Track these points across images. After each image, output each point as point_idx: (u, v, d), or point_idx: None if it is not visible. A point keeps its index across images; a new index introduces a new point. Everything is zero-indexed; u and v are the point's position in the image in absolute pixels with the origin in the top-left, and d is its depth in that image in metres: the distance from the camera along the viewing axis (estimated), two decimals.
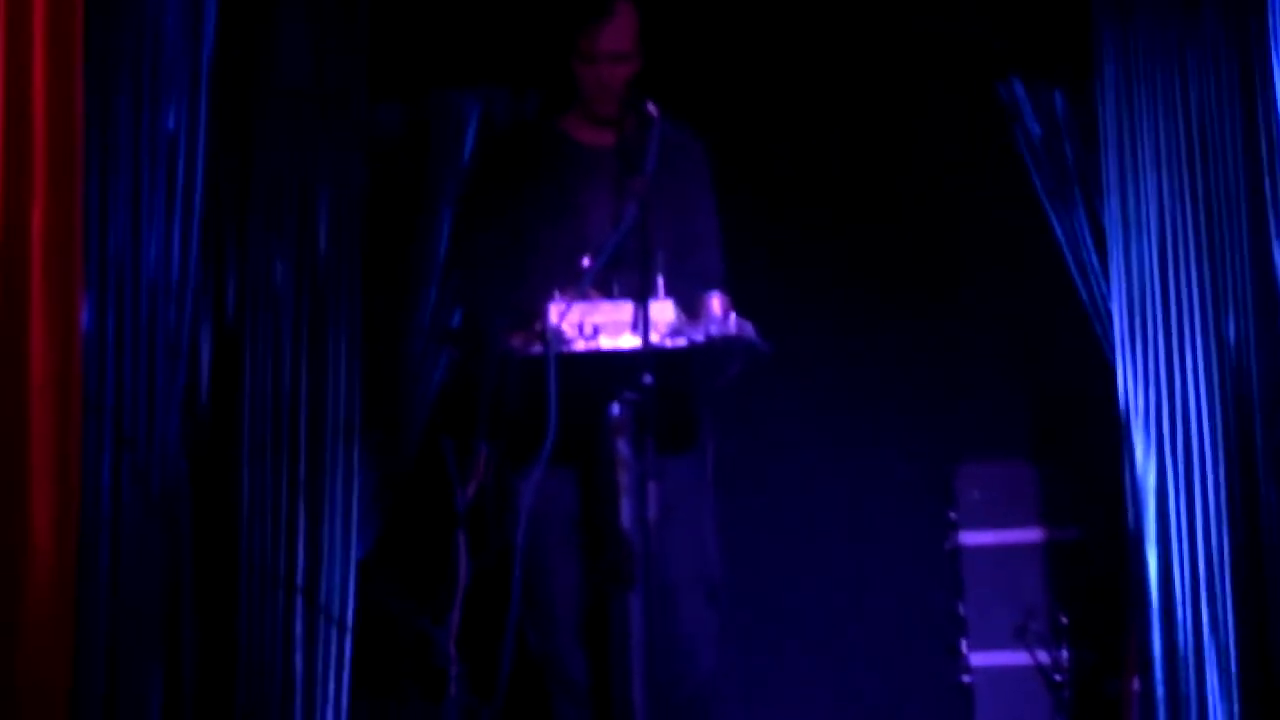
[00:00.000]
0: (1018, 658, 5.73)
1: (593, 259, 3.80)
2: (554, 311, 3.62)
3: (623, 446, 3.75)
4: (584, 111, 4.14)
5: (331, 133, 5.31)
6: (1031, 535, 5.85)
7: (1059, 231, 5.74)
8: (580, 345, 3.63)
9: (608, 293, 3.77)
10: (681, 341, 3.64)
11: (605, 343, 3.64)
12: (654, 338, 3.60)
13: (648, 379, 3.58)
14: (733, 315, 3.70)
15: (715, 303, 3.71)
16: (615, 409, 3.75)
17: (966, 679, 5.79)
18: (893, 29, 6.03)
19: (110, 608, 4.19)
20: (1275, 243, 5.18)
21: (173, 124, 4.54)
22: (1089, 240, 5.66)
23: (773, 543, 5.91)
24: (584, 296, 3.67)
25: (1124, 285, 5.38)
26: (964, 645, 5.81)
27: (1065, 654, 5.68)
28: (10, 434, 3.25)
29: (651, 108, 3.92)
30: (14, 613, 3.21)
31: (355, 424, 5.19)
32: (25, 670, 3.20)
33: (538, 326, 3.65)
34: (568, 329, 3.62)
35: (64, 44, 3.46)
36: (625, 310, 3.66)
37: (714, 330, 3.65)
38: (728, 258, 4.28)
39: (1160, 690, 5.13)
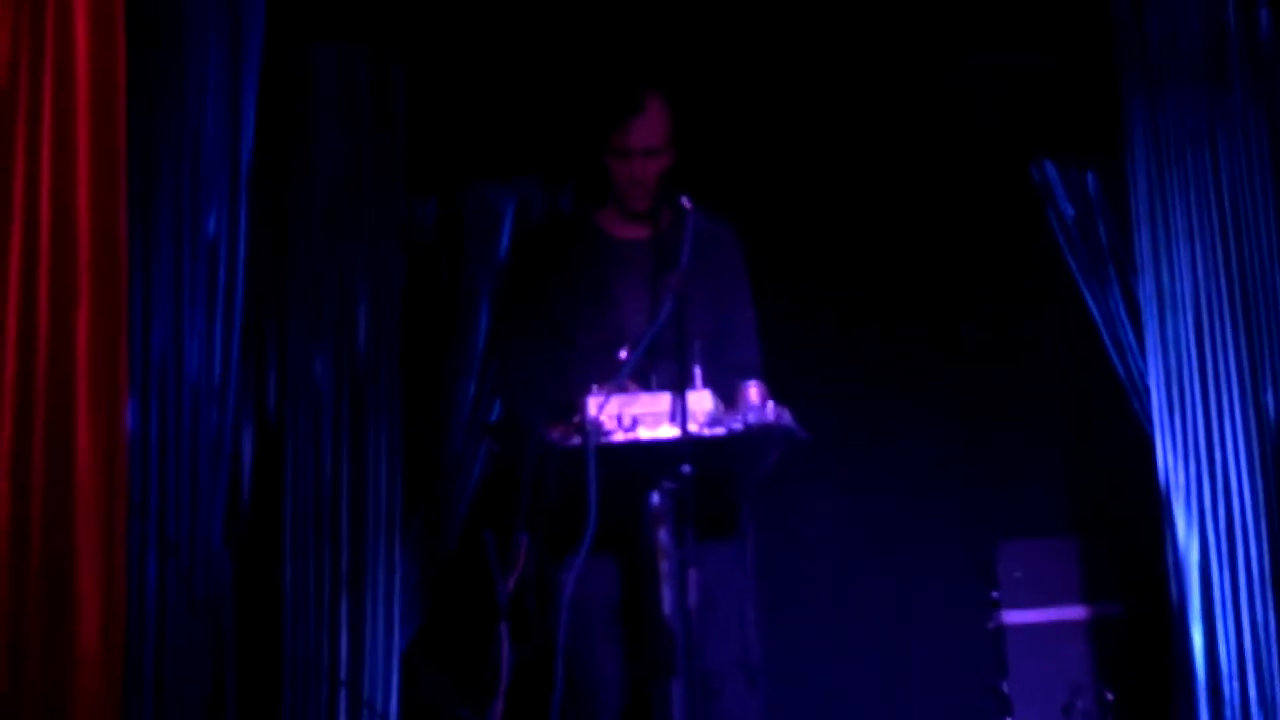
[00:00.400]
0: None
1: (630, 351, 3.82)
2: (592, 403, 3.64)
3: (663, 535, 3.74)
4: (617, 206, 4.16)
5: (368, 229, 5.39)
6: (1075, 612, 5.81)
7: (1094, 309, 5.76)
8: (619, 436, 3.64)
9: (646, 384, 3.79)
10: (720, 430, 3.64)
11: (644, 433, 3.64)
12: (692, 427, 3.61)
13: (687, 468, 3.58)
14: (770, 403, 3.71)
15: (753, 391, 3.72)
16: (655, 498, 3.74)
17: None
18: (925, 113, 6.09)
19: (156, 708, 4.22)
20: None
21: (213, 228, 4.61)
22: (1124, 317, 5.68)
23: (816, 624, 5.90)
24: (622, 388, 3.69)
25: (1161, 360, 5.38)
26: None
27: None
28: (58, 539, 3.30)
29: (685, 201, 3.94)
30: (64, 711, 3.24)
31: (396, 517, 5.23)
32: None
33: (576, 419, 3.67)
34: (606, 420, 3.63)
35: (107, 152, 3.53)
36: (663, 401, 3.67)
37: (752, 419, 3.65)
38: (765, 344, 4.30)
39: None
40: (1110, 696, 5.67)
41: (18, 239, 3.40)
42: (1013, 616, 5.83)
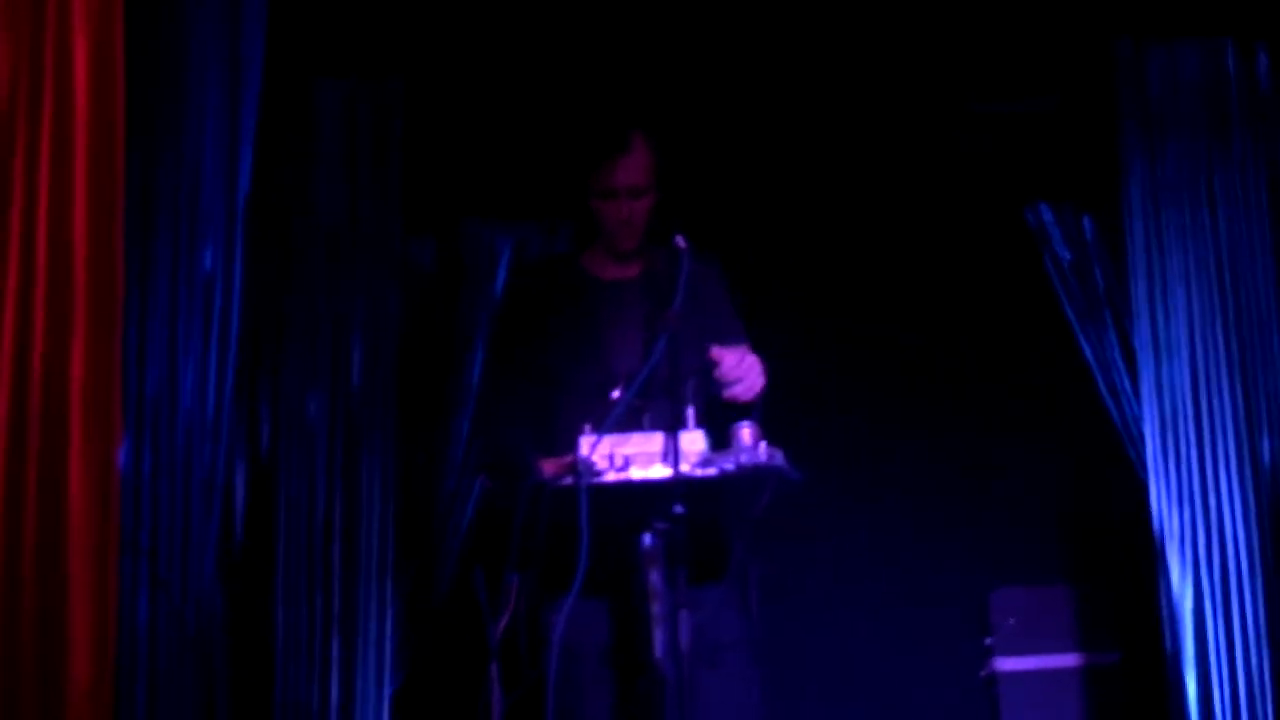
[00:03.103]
0: None
1: (622, 391, 3.82)
2: (584, 444, 3.64)
3: (655, 577, 3.73)
4: (605, 246, 4.17)
5: (365, 268, 5.39)
6: (1069, 660, 5.79)
7: (1090, 354, 5.76)
8: (611, 476, 3.63)
9: (638, 425, 3.78)
10: (712, 471, 3.64)
11: (636, 474, 3.64)
12: (684, 468, 3.61)
13: (679, 509, 3.58)
14: (763, 444, 3.71)
15: (745, 432, 3.72)
16: (647, 539, 3.74)
17: None
18: (922, 157, 6.11)
19: None
20: None
21: (210, 262, 4.61)
22: (1120, 363, 5.68)
23: (808, 669, 5.88)
24: (614, 429, 3.69)
25: (1156, 406, 5.39)
26: None
27: None
28: (50, 573, 3.28)
29: (680, 241, 3.94)
30: None
31: (389, 557, 5.22)
32: None
33: (568, 459, 3.66)
34: (599, 460, 3.63)
35: (105, 183, 3.53)
36: (655, 441, 3.66)
37: (744, 459, 3.65)
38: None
39: None
40: None
41: (14, 269, 3.39)
42: (1006, 664, 5.81)
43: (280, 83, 5.11)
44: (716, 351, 3.81)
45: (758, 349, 4.35)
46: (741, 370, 3.83)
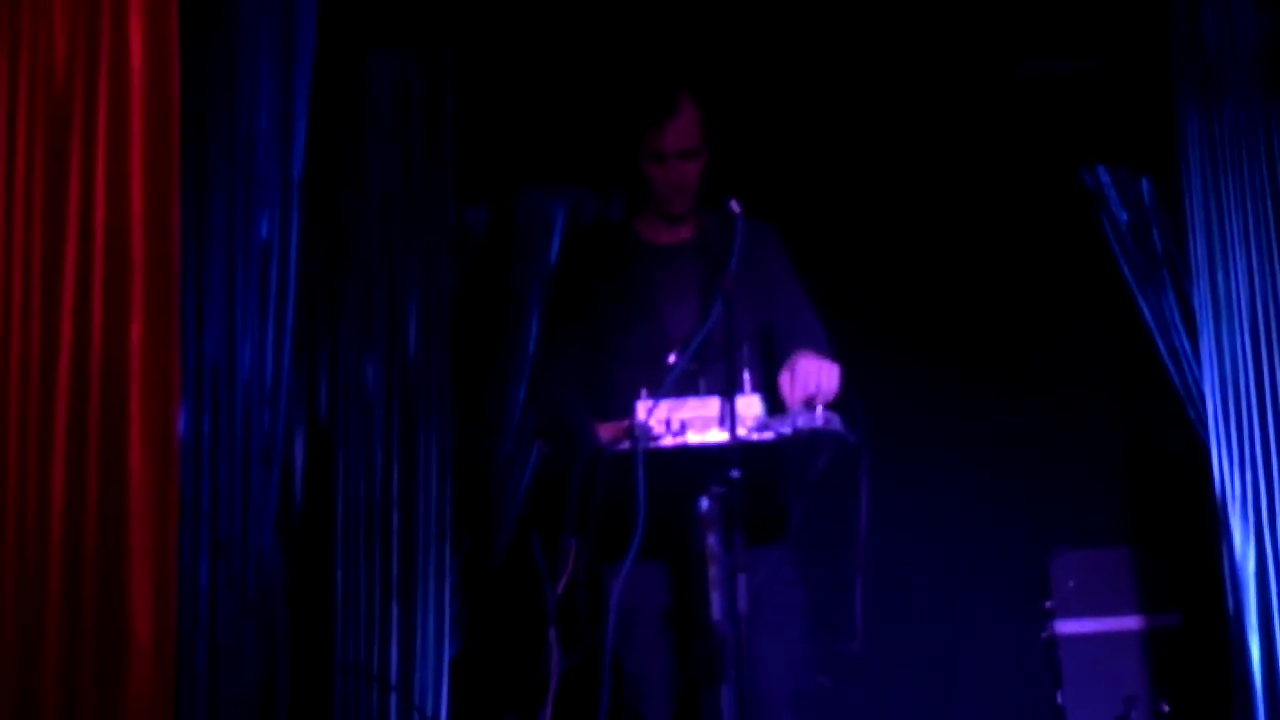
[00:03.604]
0: None
1: (678, 356, 3.82)
2: (641, 408, 3.63)
3: (712, 540, 3.73)
4: (657, 210, 4.15)
5: (420, 236, 5.41)
6: (1130, 623, 5.76)
7: (1149, 316, 5.72)
8: (668, 441, 3.62)
9: (694, 389, 3.78)
10: (769, 435, 3.63)
11: (692, 438, 3.63)
12: (741, 432, 3.60)
13: (735, 473, 3.58)
14: (820, 408, 3.70)
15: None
16: (704, 503, 3.73)
17: None
18: (978, 119, 6.07)
19: (209, 706, 4.24)
20: None
21: (265, 232, 4.64)
22: (1179, 324, 5.64)
23: (869, 634, 5.86)
24: (670, 393, 3.68)
25: (1216, 368, 5.34)
26: None
27: None
28: (111, 539, 3.33)
29: (735, 205, 3.93)
30: (117, 708, 3.27)
31: (447, 523, 5.24)
32: None
33: (625, 423, 3.67)
34: (655, 425, 3.62)
35: (161, 155, 3.57)
36: (712, 405, 3.66)
37: (801, 423, 3.64)
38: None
39: None
40: (1166, 708, 5.62)
41: (73, 241, 3.44)
42: (1066, 626, 5.79)
43: (334, 54, 5.13)
44: (785, 379, 3.78)
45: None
46: (815, 385, 3.79)
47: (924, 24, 5.80)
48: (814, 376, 3.78)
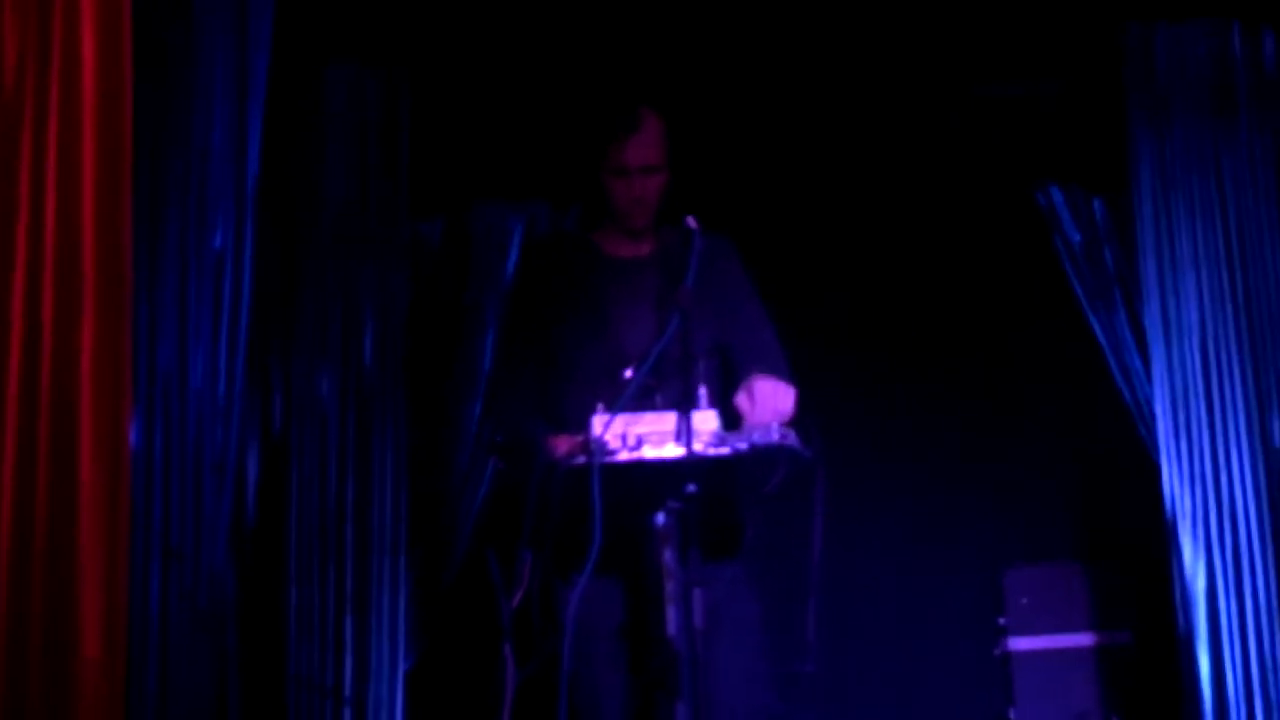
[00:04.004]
0: None
1: (635, 370, 3.81)
2: (597, 423, 3.63)
3: (668, 555, 3.73)
4: (617, 224, 4.16)
5: (375, 249, 5.40)
6: (1082, 639, 5.79)
7: (1101, 335, 5.75)
8: (624, 455, 3.63)
9: (651, 404, 3.77)
10: (725, 450, 3.64)
11: (649, 453, 3.63)
12: (697, 447, 3.60)
13: (691, 488, 3.58)
14: (776, 423, 3.70)
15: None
16: (660, 518, 3.74)
17: None
18: (931, 139, 6.10)
19: (159, 719, 4.21)
20: None
21: (219, 242, 4.61)
22: (1131, 343, 5.68)
23: (823, 650, 5.87)
24: (627, 408, 3.68)
25: (1167, 387, 5.38)
26: None
27: None
28: (60, 550, 3.29)
29: (691, 221, 3.93)
30: None
31: (401, 537, 5.22)
32: None
33: (581, 438, 3.66)
34: (611, 440, 3.62)
35: (112, 163, 3.53)
36: (668, 420, 3.66)
37: (757, 438, 3.65)
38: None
39: None
40: None
41: (22, 249, 3.40)
42: (1020, 643, 5.81)
43: (289, 67, 5.11)
44: (743, 401, 3.79)
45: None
46: (772, 408, 3.79)
47: (881, 45, 5.83)
48: (771, 398, 3.79)
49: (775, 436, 3.65)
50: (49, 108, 3.47)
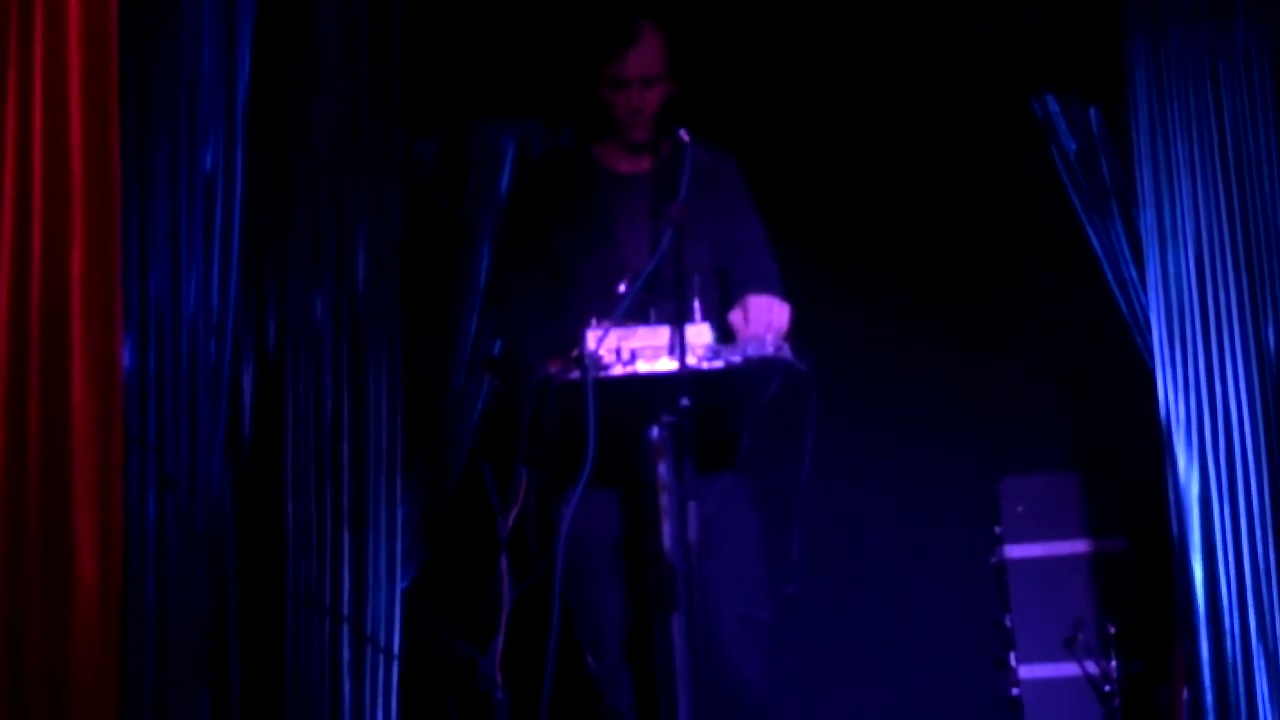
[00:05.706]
0: (1066, 669, 5.73)
1: (629, 285, 3.81)
2: (591, 337, 3.63)
3: (662, 469, 3.75)
4: (617, 139, 4.15)
5: (368, 168, 5.36)
6: (1077, 547, 5.84)
7: (1097, 245, 5.73)
8: (618, 370, 3.64)
9: (645, 318, 3.78)
10: (718, 363, 3.65)
11: (643, 367, 3.64)
12: (691, 361, 3.61)
13: (685, 401, 3.58)
14: (770, 336, 3.71)
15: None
16: (654, 432, 3.75)
17: (1015, 691, 5.79)
18: (926, 48, 6.06)
19: (157, 639, 4.25)
20: None
21: (210, 163, 4.60)
22: (1127, 253, 5.66)
23: (818, 559, 5.88)
24: (621, 322, 3.68)
25: (1162, 296, 5.38)
26: (1012, 658, 5.80)
27: (1114, 664, 5.67)
28: (54, 473, 3.30)
29: (683, 134, 3.93)
30: (62, 644, 3.26)
31: (398, 455, 5.24)
32: (73, 701, 3.25)
33: (575, 352, 3.66)
34: (605, 354, 3.63)
35: (100, 87, 3.52)
36: (662, 335, 3.66)
37: (751, 351, 3.66)
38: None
39: (1209, 698, 5.11)
40: (1112, 629, 5.69)
41: (11, 174, 3.39)
42: (1015, 551, 5.85)
43: None
44: (737, 317, 3.79)
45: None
46: (767, 323, 3.80)
47: None
48: (765, 314, 3.79)
49: (770, 349, 3.66)
50: (34, 32, 3.46)
